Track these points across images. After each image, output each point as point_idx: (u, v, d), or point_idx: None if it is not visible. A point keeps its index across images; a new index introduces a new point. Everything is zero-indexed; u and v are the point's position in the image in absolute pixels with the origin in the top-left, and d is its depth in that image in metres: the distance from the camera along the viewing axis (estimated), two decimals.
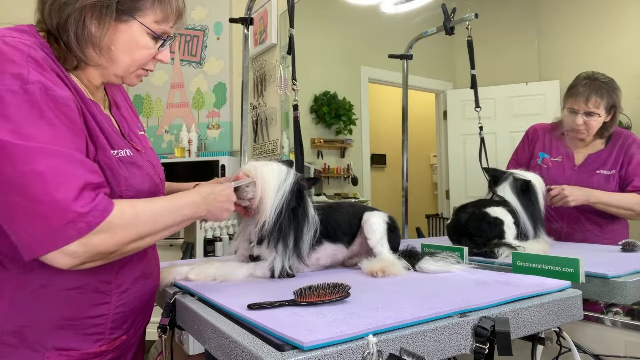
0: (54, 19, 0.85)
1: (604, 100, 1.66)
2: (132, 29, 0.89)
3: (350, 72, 3.75)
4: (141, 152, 1.03)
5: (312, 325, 0.69)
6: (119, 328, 0.94)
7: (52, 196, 0.72)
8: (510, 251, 1.31)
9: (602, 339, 1.10)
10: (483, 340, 0.76)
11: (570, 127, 1.75)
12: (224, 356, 0.73)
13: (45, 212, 0.72)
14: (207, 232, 2.67)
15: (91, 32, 0.86)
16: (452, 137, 3.50)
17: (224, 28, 3.85)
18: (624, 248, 1.41)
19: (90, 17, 0.85)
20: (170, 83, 3.95)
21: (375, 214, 1.26)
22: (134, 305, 0.97)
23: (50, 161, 0.73)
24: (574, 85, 1.74)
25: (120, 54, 0.90)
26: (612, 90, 1.68)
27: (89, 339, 0.89)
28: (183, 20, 0.96)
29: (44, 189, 0.72)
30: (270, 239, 1.09)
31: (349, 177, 3.69)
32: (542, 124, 1.94)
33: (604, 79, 1.69)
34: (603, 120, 1.70)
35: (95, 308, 0.90)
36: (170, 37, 0.95)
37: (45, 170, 0.72)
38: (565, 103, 1.76)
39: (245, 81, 2.42)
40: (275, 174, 1.10)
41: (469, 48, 2.00)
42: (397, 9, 2.55)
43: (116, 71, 0.93)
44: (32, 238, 0.73)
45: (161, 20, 0.91)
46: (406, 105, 2.55)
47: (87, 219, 0.73)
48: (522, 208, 1.53)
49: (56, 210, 0.72)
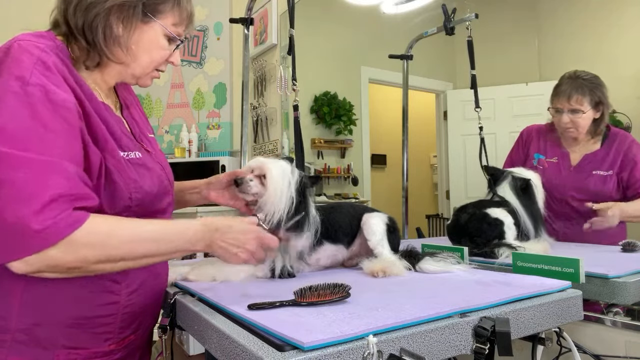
0: (79, 19, 0.88)
1: (587, 97, 1.68)
2: (153, 30, 0.94)
3: (350, 72, 3.75)
4: (151, 154, 1.04)
5: (312, 325, 0.69)
6: (127, 327, 0.95)
7: (13, 209, 0.71)
8: (510, 251, 1.31)
9: (602, 339, 1.10)
10: (483, 340, 0.76)
11: (559, 125, 1.77)
12: (224, 356, 0.73)
13: (4, 224, 0.71)
14: None
15: (117, 30, 0.91)
16: (452, 137, 3.50)
17: (224, 28, 3.85)
18: (624, 248, 1.41)
19: (117, 17, 0.90)
20: (170, 83, 3.95)
21: (374, 215, 1.26)
22: (142, 305, 0.98)
23: (26, 170, 0.73)
24: (557, 85, 1.76)
25: (140, 52, 0.94)
26: (594, 87, 1.69)
27: (97, 337, 0.90)
28: (193, 24, 1.02)
29: (7, 200, 0.71)
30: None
31: (349, 177, 3.69)
32: (536, 125, 1.94)
33: (586, 75, 1.71)
34: (590, 117, 1.71)
35: (104, 307, 0.91)
36: (181, 41, 1.00)
37: (18, 179, 0.72)
38: (551, 103, 1.78)
39: (245, 81, 2.42)
40: (283, 170, 1.11)
41: (468, 48, 2.00)
42: (397, 9, 2.55)
43: (134, 70, 0.97)
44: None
45: (177, 23, 0.97)
46: (406, 105, 2.55)
47: (45, 235, 0.71)
48: (522, 207, 1.53)
49: (15, 224, 0.71)
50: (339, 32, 3.58)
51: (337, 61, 3.66)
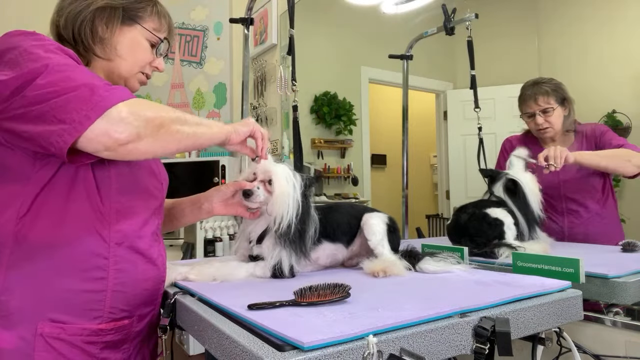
0: (69, 27, 1.00)
1: (552, 96, 1.79)
2: (135, 31, 1.06)
3: (350, 72, 3.75)
4: None
5: (312, 325, 0.69)
6: (119, 309, 0.96)
7: (85, 91, 0.80)
8: (510, 251, 1.31)
9: (602, 339, 1.10)
10: (483, 340, 0.76)
11: (535, 129, 1.85)
12: (224, 356, 0.73)
13: (83, 96, 0.80)
14: (207, 232, 2.67)
15: (102, 32, 1.01)
16: (452, 137, 3.50)
17: (224, 28, 3.85)
18: (624, 248, 1.41)
19: (100, 19, 1.01)
20: (170, 83, 3.95)
21: (374, 215, 1.26)
22: (134, 288, 0.99)
23: (84, 78, 0.83)
24: (521, 94, 1.88)
25: (124, 51, 1.04)
26: (555, 87, 1.80)
27: (86, 314, 0.92)
28: (173, 34, 1.15)
29: (82, 82, 0.81)
30: (282, 238, 1.09)
31: (349, 177, 3.69)
32: (514, 135, 2.01)
33: (545, 80, 1.83)
34: (561, 114, 1.80)
35: (92, 282, 0.92)
36: (161, 46, 1.10)
37: (81, 84, 0.82)
38: (521, 111, 1.88)
39: (245, 81, 2.42)
40: (288, 174, 1.12)
41: (468, 48, 2.00)
42: (397, 9, 2.56)
43: (121, 68, 1.05)
44: (78, 114, 0.79)
45: (157, 29, 1.09)
46: (406, 105, 2.55)
47: (112, 94, 0.82)
48: (515, 207, 1.54)
49: (92, 94, 0.80)
50: (339, 32, 3.58)
51: (337, 61, 3.66)
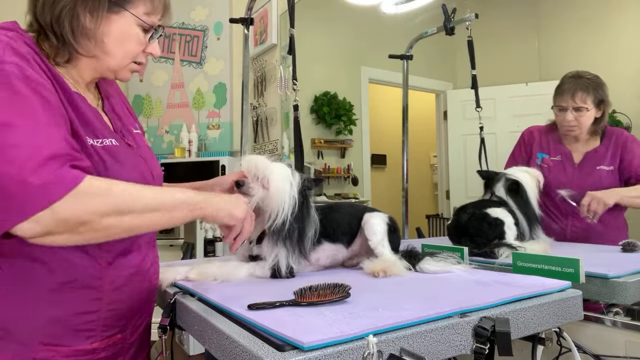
0: (47, 14, 0.87)
1: (590, 95, 1.71)
2: (124, 20, 0.91)
3: (350, 72, 3.75)
4: (133, 147, 1.02)
5: (312, 325, 0.69)
6: (112, 326, 0.94)
7: (10, 172, 0.71)
8: (510, 251, 1.31)
9: (602, 339, 1.10)
10: (483, 340, 0.76)
11: (562, 124, 1.79)
12: (224, 356, 0.73)
13: (5, 187, 0.71)
14: (207, 232, 2.67)
15: (85, 22, 0.88)
16: (452, 137, 3.50)
17: (224, 28, 3.85)
18: (624, 248, 1.40)
19: (83, 8, 0.87)
20: (170, 83, 3.95)
21: (375, 215, 1.26)
22: (129, 303, 0.97)
23: (18, 136, 0.73)
24: (560, 84, 1.79)
25: (112, 45, 0.91)
26: (597, 86, 1.72)
27: (79, 335, 0.89)
28: (169, 14, 0.98)
29: (3, 165, 0.71)
30: (278, 237, 1.09)
31: (349, 177, 3.69)
32: (537, 126, 1.96)
33: (589, 75, 1.74)
34: (593, 115, 1.73)
35: (86, 304, 0.90)
36: (158, 31, 0.97)
37: (10, 144, 0.72)
38: (554, 102, 1.80)
39: (245, 81, 2.42)
40: (284, 172, 1.11)
41: (469, 48, 2.00)
42: (397, 9, 2.56)
43: (109, 63, 0.94)
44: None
45: (150, 12, 0.93)
46: (406, 105, 2.55)
47: (47, 188, 0.72)
48: (516, 208, 1.54)
49: (16, 185, 0.71)
50: (339, 32, 3.58)
51: (337, 61, 3.66)
